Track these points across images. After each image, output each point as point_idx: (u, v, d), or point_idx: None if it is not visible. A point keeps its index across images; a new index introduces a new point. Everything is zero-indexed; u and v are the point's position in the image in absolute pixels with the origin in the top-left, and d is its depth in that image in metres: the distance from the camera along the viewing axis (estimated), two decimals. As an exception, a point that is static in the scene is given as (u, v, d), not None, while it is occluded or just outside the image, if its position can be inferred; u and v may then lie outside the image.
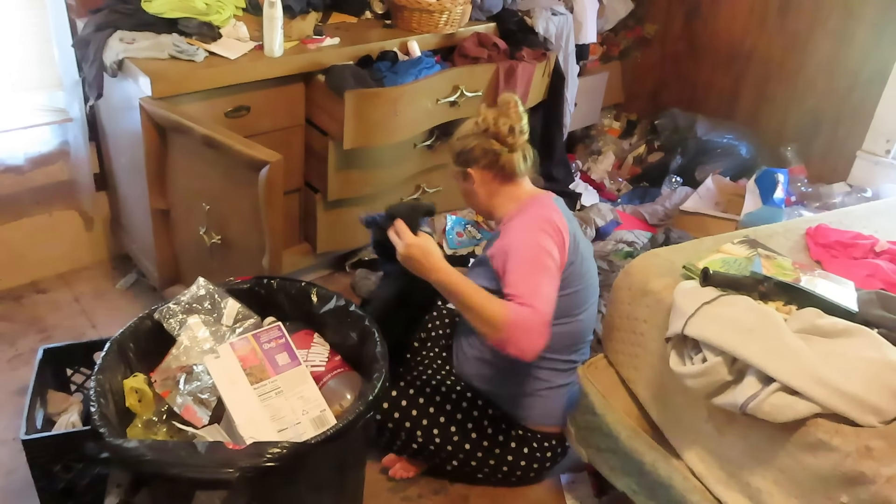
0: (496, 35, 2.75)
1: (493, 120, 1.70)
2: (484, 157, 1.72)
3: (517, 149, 1.71)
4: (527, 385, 1.78)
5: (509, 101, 1.72)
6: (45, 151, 2.37)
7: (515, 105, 1.71)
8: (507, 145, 1.70)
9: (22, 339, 2.30)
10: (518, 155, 1.71)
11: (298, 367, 1.50)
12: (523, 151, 1.72)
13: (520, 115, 1.71)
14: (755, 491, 1.31)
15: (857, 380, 1.20)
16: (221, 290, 1.64)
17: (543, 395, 1.79)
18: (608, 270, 2.56)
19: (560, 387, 1.80)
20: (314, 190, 2.44)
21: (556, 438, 1.84)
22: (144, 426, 1.43)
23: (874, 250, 1.74)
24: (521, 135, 1.71)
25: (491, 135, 1.70)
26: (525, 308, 1.50)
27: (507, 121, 1.69)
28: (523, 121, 1.72)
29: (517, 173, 1.73)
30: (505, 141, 1.69)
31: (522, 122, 1.71)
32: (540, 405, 1.79)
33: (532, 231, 1.62)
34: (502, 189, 1.74)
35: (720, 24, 3.40)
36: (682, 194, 3.10)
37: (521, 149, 1.72)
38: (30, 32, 2.18)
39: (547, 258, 1.59)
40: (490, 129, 1.70)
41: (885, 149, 2.87)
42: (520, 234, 1.63)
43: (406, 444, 1.81)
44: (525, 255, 1.59)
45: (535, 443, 1.81)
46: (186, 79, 2.02)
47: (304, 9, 2.37)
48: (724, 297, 1.40)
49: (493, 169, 1.72)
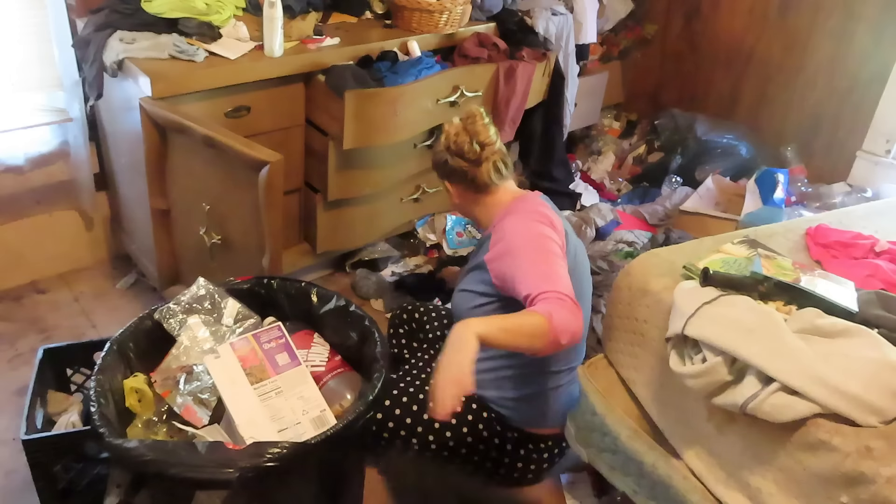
0: (496, 35, 2.75)
1: (454, 137, 1.67)
2: (453, 173, 1.71)
3: (483, 162, 1.67)
4: (519, 388, 1.77)
5: (474, 114, 1.68)
6: (45, 151, 2.37)
7: (481, 117, 1.67)
8: (471, 161, 1.67)
9: (22, 339, 2.30)
10: (486, 167, 1.67)
11: (298, 367, 1.50)
12: (494, 163, 1.68)
13: (484, 127, 1.67)
14: (755, 491, 1.31)
15: (857, 380, 1.20)
16: (221, 290, 1.64)
17: (537, 398, 1.78)
18: (608, 270, 2.56)
19: (552, 389, 1.79)
20: (314, 190, 2.44)
21: (552, 440, 1.83)
22: (144, 426, 1.43)
23: (874, 250, 1.74)
24: (489, 147, 1.67)
25: (453, 152, 1.68)
26: (550, 299, 1.43)
27: (466, 137, 1.66)
28: (490, 132, 1.67)
29: (490, 184, 1.69)
30: (467, 157, 1.66)
31: (489, 133, 1.67)
32: (533, 408, 1.79)
33: (527, 224, 1.60)
34: (481, 199, 1.73)
35: (720, 24, 3.40)
36: (682, 194, 3.10)
37: (489, 161, 1.67)
38: (30, 32, 2.18)
39: (550, 243, 1.56)
40: (451, 147, 1.68)
41: (885, 149, 2.87)
42: (516, 232, 1.61)
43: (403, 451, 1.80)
44: (529, 249, 1.56)
45: (531, 444, 1.81)
46: (186, 79, 2.02)
47: (304, 9, 2.37)
48: (724, 297, 1.40)
49: (464, 182, 1.71)
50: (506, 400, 1.78)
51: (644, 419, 1.61)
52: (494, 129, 1.71)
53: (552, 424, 1.82)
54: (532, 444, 1.81)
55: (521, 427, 1.80)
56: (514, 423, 1.79)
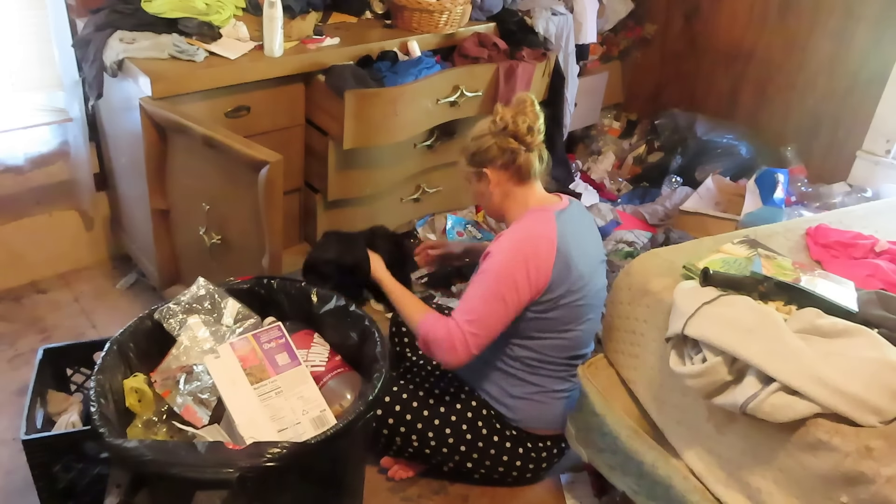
0: (496, 35, 2.75)
1: (512, 118, 1.68)
2: (501, 156, 1.70)
3: (534, 148, 1.70)
4: (520, 388, 1.78)
5: (525, 99, 1.70)
6: (45, 151, 2.37)
7: (532, 104, 1.70)
8: (525, 144, 1.69)
9: (22, 339, 2.30)
10: (535, 155, 1.71)
11: (298, 367, 1.50)
12: (539, 152, 1.72)
13: (537, 114, 1.70)
14: (755, 491, 1.31)
15: (857, 380, 1.20)
16: (221, 290, 1.64)
17: (537, 400, 1.78)
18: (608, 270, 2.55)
19: (554, 392, 1.79)
20: (314, 190, 2.44)
21: (551, 440, 1.83)
22: (144, 426, 1.43)
23: (874, 250, 1.74)
24: (539, 134, 1.70)
25: (509, 133, 1.69)
26: (447, 323, 1.63)
27: (526, 119, 1.68)
28: (540, 120, 1.71)
29: (532, 174, 1.72)
30: (524, 140, 1.68)
31: (539, 121, 1.70)
32: (533, 409, 1.79)
33: (511, 258, 1.62)
34: (516, 190, 1.74)
35: (720, 24, 3.40)
36: (682, 194, 3.09)
37: (537, 149, 1.71)
38: (30, 32, 2.18)
39: (510, 295, 1.62)
40: (508, 127, 1.68)
41: (885, 149, 2.87)
42: (501, 253, 1.64)
43: (402, 448, 1.81)
44: (489, 279, 1.63)
45: (530, 443, 1.81)
46: (186, 79, 2.02)
47: (304, 9, 2.37)
48: (724, 297, 1.40)
49: (509, 169, 1.72)
50: (507, 397, 1.78)
51: (644, 419, 1.61)
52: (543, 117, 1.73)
53: (552, 427, 1.82)
54: (531, 442, 1.81)
55: (521, 426, 1.80)
56: (514, 422, 1.79)
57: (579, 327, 1.74)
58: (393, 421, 1.78)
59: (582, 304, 1.71)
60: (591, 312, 1.76)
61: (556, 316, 1.69)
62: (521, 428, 1.80)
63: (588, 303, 1.73)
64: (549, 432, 1.82)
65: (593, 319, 1.79)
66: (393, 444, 1.81)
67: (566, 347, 1.75)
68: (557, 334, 1.72)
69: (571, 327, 1.73)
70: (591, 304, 1.75)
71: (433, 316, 1.69)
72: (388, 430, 1.79)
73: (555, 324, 1.70)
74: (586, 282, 1.70)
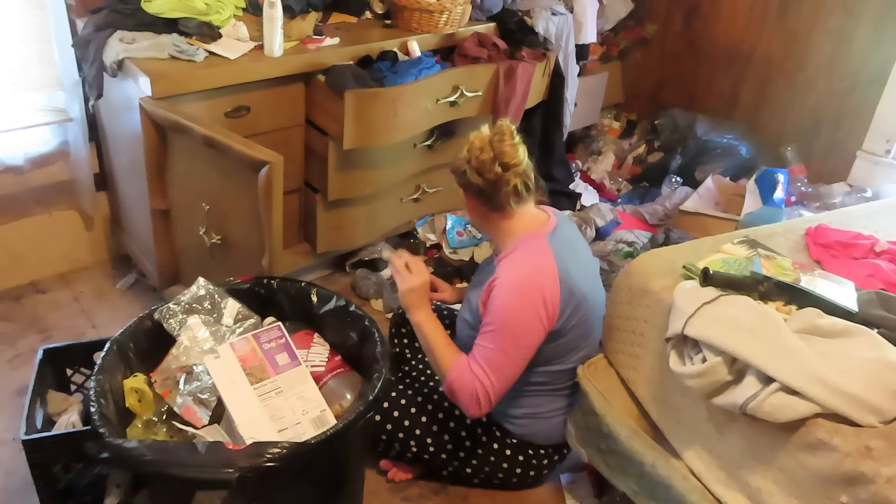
0: (496, 35, 2.75)
1: (478, 153, 1.55)
2: (469, 186, 1.61)
3: (503, 185, 1.56)
4: (524, 409, 1.76)
5: (503, 131, 1.56)
6: (45, 151, 2.37)
7: (510, 136, 1.56)
8: (489, 181, 1.56)
9: (22, 339, 2.30)
10: (506, 190, 1.56)
11: (298, 367, 1.50)
12: (515, 186, 1.57)
13: (512, 147, 1.55)
14: (755, 491, 1.31)
15: (857, 380, 1.20)
16: (221, 290, 1.64)
17: (539, 417, 1.77)
18: (608, 270, 2.56)
19: (556, 409, 1.78)
20: (314, 190, 2.44)
21: (552, 447, 1.83)
22: (144, 426, 1.43)
23: (874, 250, 1.74)
24: (511, 169, 1.55)
25: (473, 168, 1.57)
26: (474, 377, 1.57)
27: (490, 155, 1.54)
28: (516, 153, 1.55)
29: (507, 205, 1.59)
30: (486, 177, 1.56)
31: (514, 155, 1.55)
32: (534, 426, 1.78)
33: (521, 303, 1.55)
34: (493, 217, 1.64)
35: (720, 24, 3.40)
36: (682, 194, 3.09)
37: (510, 183, 1.56)
38: (30, 32, 2.18)
39: (525, 341, 1.58)
40: (472, 161, 1.56)
41: (885, 149, 2.87)
42: (509, 299, 1.55)
43: (401, 454, 1.80)
44: (504, 329, 1.56)
45: (531, 450, 1.81)
46: (186, 79, 2.02)
47: (304, 9, 2.37)
48: (724, 297, 1.40)
49: (480, 198, 1.61)
50: (509, 417, 1.77)
51: (644, 419, 1.61)
52: (524, 149, 1.58)
53: (553, 439, 1.81)
54: (532, 450, 1.81)
55: (521, 438, 1.79)
56: (514, 436, 1.79)
57: (584, 349, 1.73)
58: (391, 426, 1.77)
59: (587, 321, 1.69)
60: (596, 328, 1.74)
61: (567, 341, 1.67)
62: (521, 438, 1.80)
63: (593, 319, 1.72)
64: (550, 442, 1.82)
65: (597, 336, 1.77)
66: (391, 448, 1.80)
67: (571, 371, 1.73)
68: (565, 358, 1.71)
69: (578, 350, 1.72)
70: (595, 319, 1.73)
71: (459, 366, 1.60)
72: (386, 436, 1.78)
73: (565, 349, 1.69)
74: (588, 300, 1.67)
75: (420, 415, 1.78)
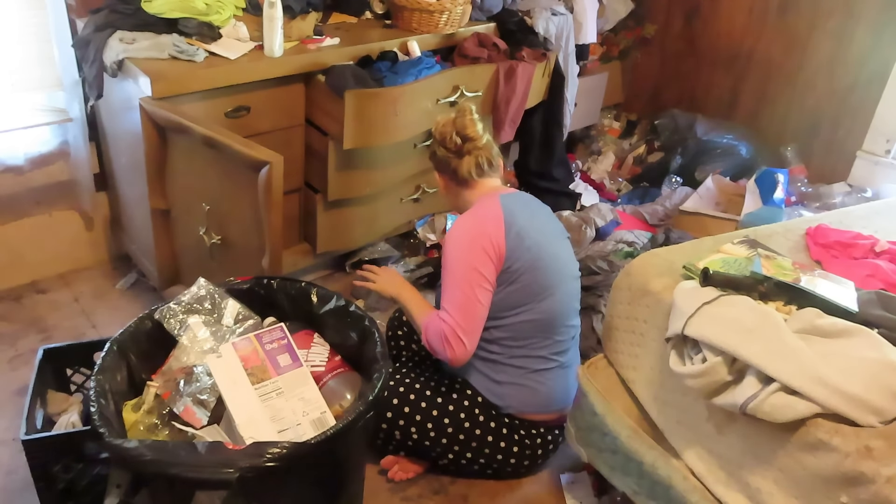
0: (496, 35, 2.75)
1: (441, 126, 1.80)
2: (439, 163, 1.83)
3: (465, 155, 1.78)
4: (504, 373, 1.79)
5: (464, 109, 1.80)
6: (45, 151, 2.37)
7: (469, 113, 1.79)
8: (451, 152, 1.78)
9: (22, 339, 2.30)
10: (468, 161, 1.78)
11: (300, 368, 1.50)
12: (477, 158, 1.78)
13: (471, 122, 1.78)
14: (755, 491, 1.31)
15: (857, 380, 1.20)
16: (221, 290, 1.64)
17: (522, 384, 1.80)
18: (608, 270, 2.55)
19: (537, 372, 1.80)
20: (314, 190, 2.44)
21: (544, 427, 1.84)
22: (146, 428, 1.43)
23: (874, 250, 1.74)
24: (469, 142, 1.77)
25: (437, 141, 1.81)
26: (439, 319, 1.70)
27: (451, 128, 1.77)
28: (475, 128, 1.78)
29: (470, 176, 1.80)
30: (448, 147, 1.78)
31: (473, 129, 1.77)
32: (520, 393, 1.80)
33: (467, 245, 1.71)
34: (462, 192, 1.84)
35: (720, 24, 3.40)
36: (682, 194, 3.09)
37: (472, 155, 1.78)
38: (30, 32, 2.18)
39: (477, 276, 1.68)
40: (436, 135, 1.81)
41: (885, 149, 2.87)
42: (456, 243, 1.73)
43: (402, 442, 1.82)
44: (455, 271, 1.71)
45: (524, 430, 1.83)
46: (186, 79, 2.02)
47: (304, 9, 2.37)
48: (724, 297, 1.40)
49: (447, 173, 1.83)
50: (493, 384, 1.80)
51: (644, 419, 1.62)
52: (482, 126, 1.81)
53: (542, 410, 1.83)
54: (524, 430, 1.82)
55: (512, 413, 1.81)
56: (504, 409, 1.81)
57: (548, 299, 1.75)
58: (392, 414, 1.79)
59: (544, 272, 1.74)
60: (560, 283, 1.78)
61: (521, 287, 1.72)
62: (513, 415, 1.81)
63: (551, 271, 1.76)
64: (541, 417, 1.83)
65: (564, 291, 1.80)
66: (392, 438, 1.82)
67: (539, 322, 1.76)
68: (526, 307, 1.74)
69: (540, 298, 1.74)
70: (555, 274, 1.77)
71: (430, 315, 1.76)
72: (386, 425, 1.80)
73: (522, 297, 1.73)
74: (543, 249, 1.75)
75: (420, 400, 1.80)
